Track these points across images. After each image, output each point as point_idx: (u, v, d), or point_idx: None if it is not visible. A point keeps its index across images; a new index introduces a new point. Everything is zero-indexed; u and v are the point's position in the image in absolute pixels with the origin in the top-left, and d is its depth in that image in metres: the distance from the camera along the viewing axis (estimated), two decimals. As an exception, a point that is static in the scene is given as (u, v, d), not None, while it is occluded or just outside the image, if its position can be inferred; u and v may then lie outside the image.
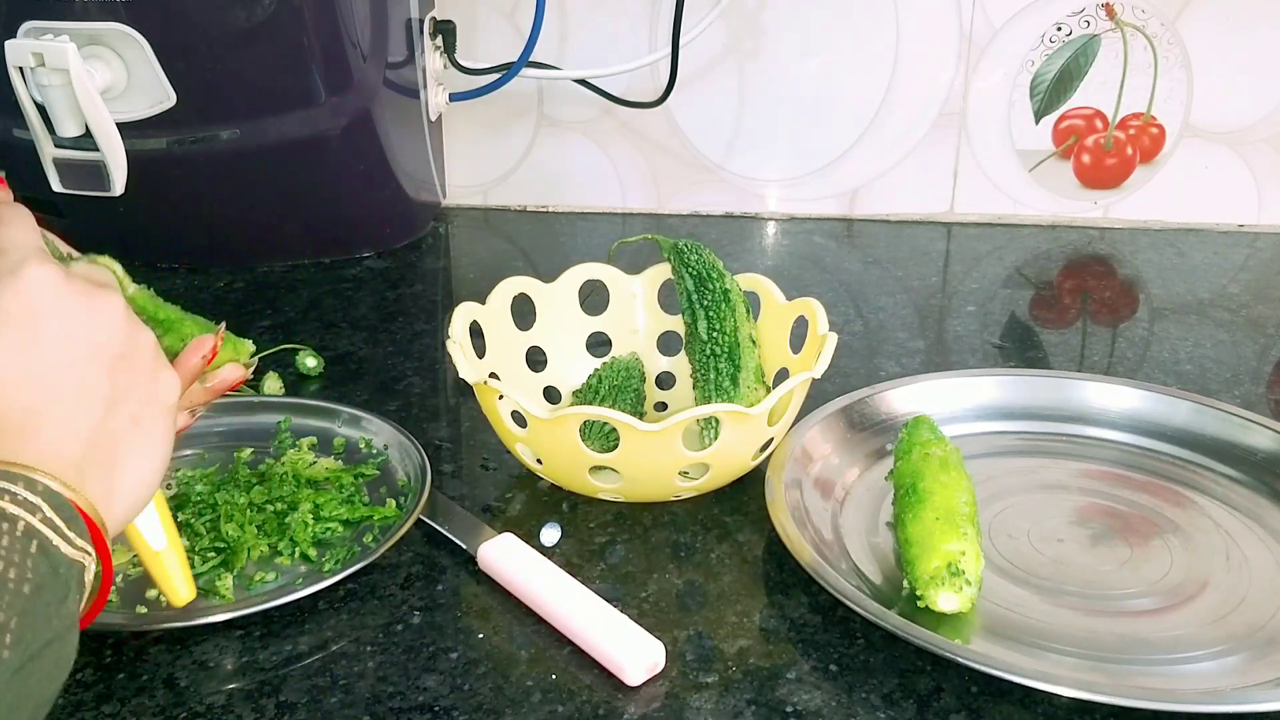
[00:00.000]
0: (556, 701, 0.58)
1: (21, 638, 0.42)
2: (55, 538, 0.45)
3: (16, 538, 0.44)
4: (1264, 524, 0.71)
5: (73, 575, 0.46)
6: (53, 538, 0.45)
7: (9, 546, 0.43)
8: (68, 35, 0.90)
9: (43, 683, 0.44)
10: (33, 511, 0.45)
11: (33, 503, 0.45)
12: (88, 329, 0.50)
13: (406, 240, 1.18)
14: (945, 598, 0.62)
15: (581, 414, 0.68)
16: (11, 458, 0.47)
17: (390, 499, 0.73)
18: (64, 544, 0.45)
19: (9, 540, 0.43)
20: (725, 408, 0.68)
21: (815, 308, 0.77)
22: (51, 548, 0.45)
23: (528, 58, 1.14)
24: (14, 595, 0.42)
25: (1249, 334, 0.98)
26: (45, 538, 0.45)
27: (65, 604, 0.45)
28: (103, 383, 0.50)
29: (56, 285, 0.49)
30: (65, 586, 0.45)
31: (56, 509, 0.46)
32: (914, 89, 1.17)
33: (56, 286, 0.49)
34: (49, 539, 0.45)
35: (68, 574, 0.45)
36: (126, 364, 0.51)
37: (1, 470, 0.46)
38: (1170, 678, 0.60)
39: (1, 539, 0.43)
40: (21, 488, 0.45)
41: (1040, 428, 0.81)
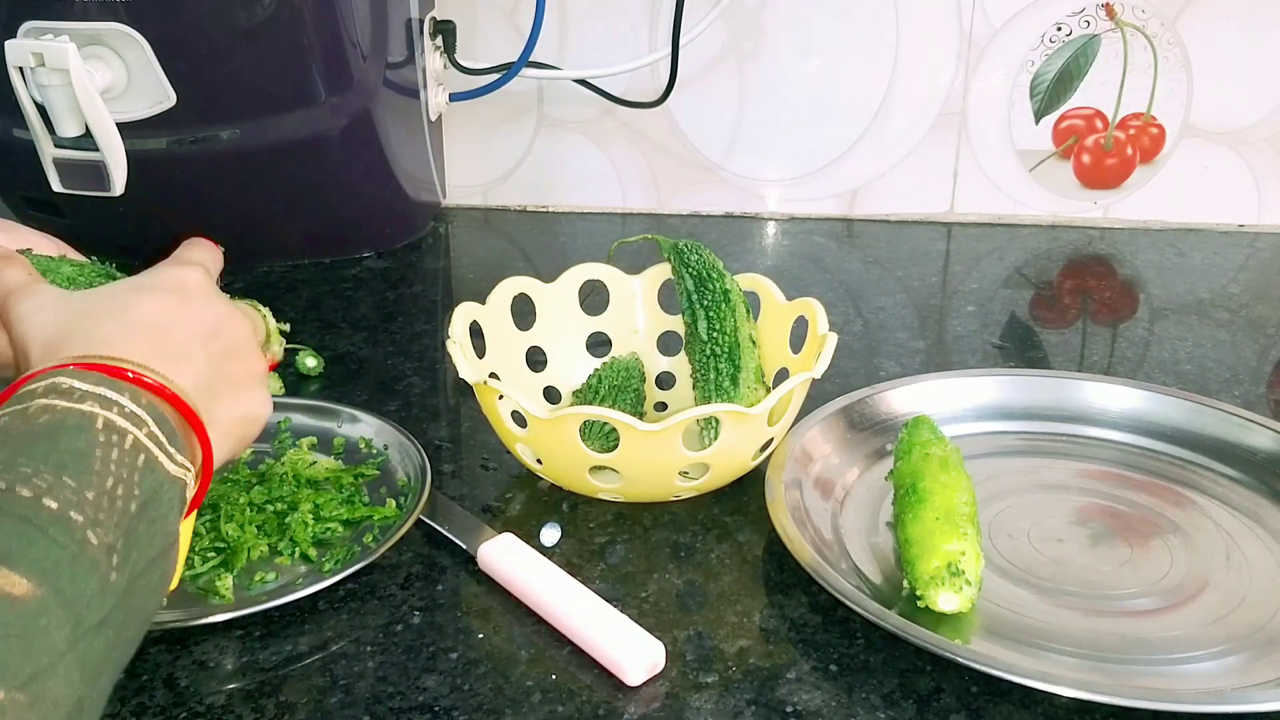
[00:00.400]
0: (556, 701, 0.58)
1: (128, 558, 0.43)
2: (159, 453, 0.46)
3: (125, 451, 0.45)
4: (1264, 524, 0.71)
5: (175, 492, 0.47)
6: (157, 453, 0.46)
7: (119, 461, 0.44)
8: (68, 35, 0.90)
9: (147, 599, 0.44)
10: (139, 425, 0.46)
11: (138, 415, 0.46)
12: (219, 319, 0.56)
13: (406, 240, 1.18)
14: (945, 598, 0.62)
15: (581, 414, 0.68)
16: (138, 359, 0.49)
17: (390, 499, 0.73)
18: (168, 461, 0.47)
19: (119, 454, 0.44)
20: (725, 408, 0.68)
21: (815, 308, 0.77)
22: (157, 464, 0.46)
23: (528, 58, 1.14)
24: (122, 514, 0.43)
25: (1249, 334, 0.98)
26: (151, 453, 0.46)
27: (168, 520, 0.46)
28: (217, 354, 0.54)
29: (209, 283, 0.57)
30: (169, 503, 0.46)
31: (159, 423, 0.47)
32: (914, 89, 1.17)
33: (209, 284, 0.57)
34: (154, 454, 0.46)
35: (170, 491, 0.46)
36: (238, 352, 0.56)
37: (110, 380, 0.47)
38: (1170, 678, 0.60)
39: (111, 451, 0.44)
40: (128, 399, 0.46)
41: (1040, 428, 0.81)
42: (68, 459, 0.43)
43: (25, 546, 0.40)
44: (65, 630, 0.39)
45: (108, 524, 0.42)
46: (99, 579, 0.41)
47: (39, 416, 0.44)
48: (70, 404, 0.45)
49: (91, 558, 0.41)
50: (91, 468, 0.43)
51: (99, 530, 0.42)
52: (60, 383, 0.46)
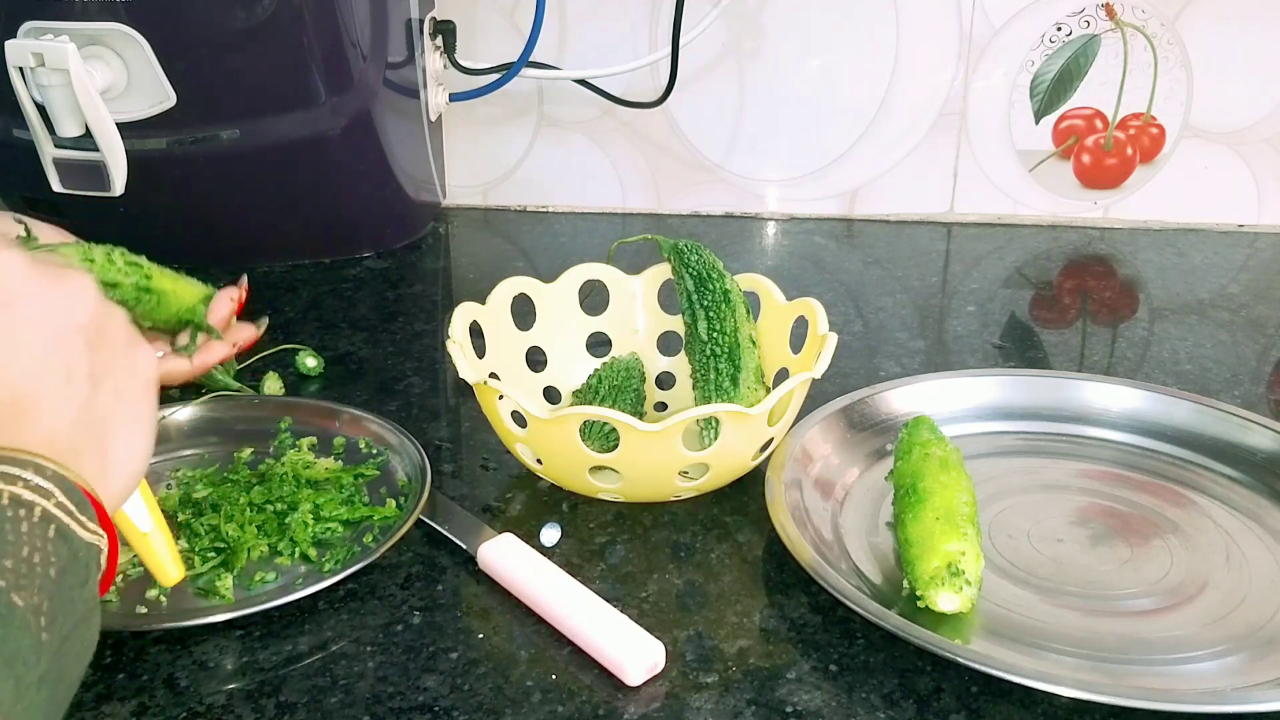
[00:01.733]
0: (556, 701, 0.58)
1: (55, 619, 0.42)
2: (70, 522, 0.45)
3: (35, 523, 0.44)
4: (1264, 524, 0.71)
5: (91, 557, 0.46)
6: (69, 522, 0.45)
7: (30, 532, 0.43)
8: (68, 35, 0.90)
9: (73, 664, 0.44)
10: (46, 497, 0.45)
11: (45, 488, 0.45)
12: (61, 308, 0.49)
13: (406, 240, 1.18)
14: (945, 598, 0.62)
15: (581, 414, 0.68)
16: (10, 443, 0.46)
17: (390, 499, 0.73)
18: (78, 527, 0.46)
19: (28, 526, 0.44)
20: (725, 408, 0.68)
21: (815, 308, 0.77)
22: (69, 531, 0.45)
23: (528, 58, 1.14)
24: (42, 579, 0.43)
25: (1249, 334, 0.98)
26: (62, 522, 0.45)
27: (87, 586, 0.45)
28: (83, 360, 0.49)
29: (24, 268, 0.49)
30: (85, 569, 0.45)
31: (67, 493, 0.46)
32: (914, 89, 1.17)
33: (24, 269, 0.49)
34: (65, 523, 0.45)
35: (86, 556, 0.46)
36: (103, 340, 0.51)
37: (7, 456, 0.46)
38: (1170, 678, 0.60)
39: (21, 525, 0.44)
40: (31, 473, 0.45)
41: (1040, 428, 0.81)
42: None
43: None
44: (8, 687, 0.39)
45: (30, 587, 0.42)
46: (31, 637, 0.41)
47: None
48: None
49: (21, 617, 0.41)
50: (4, 538, 0.43)
51: (23, 593, 0.41)
52: None
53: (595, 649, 0.60)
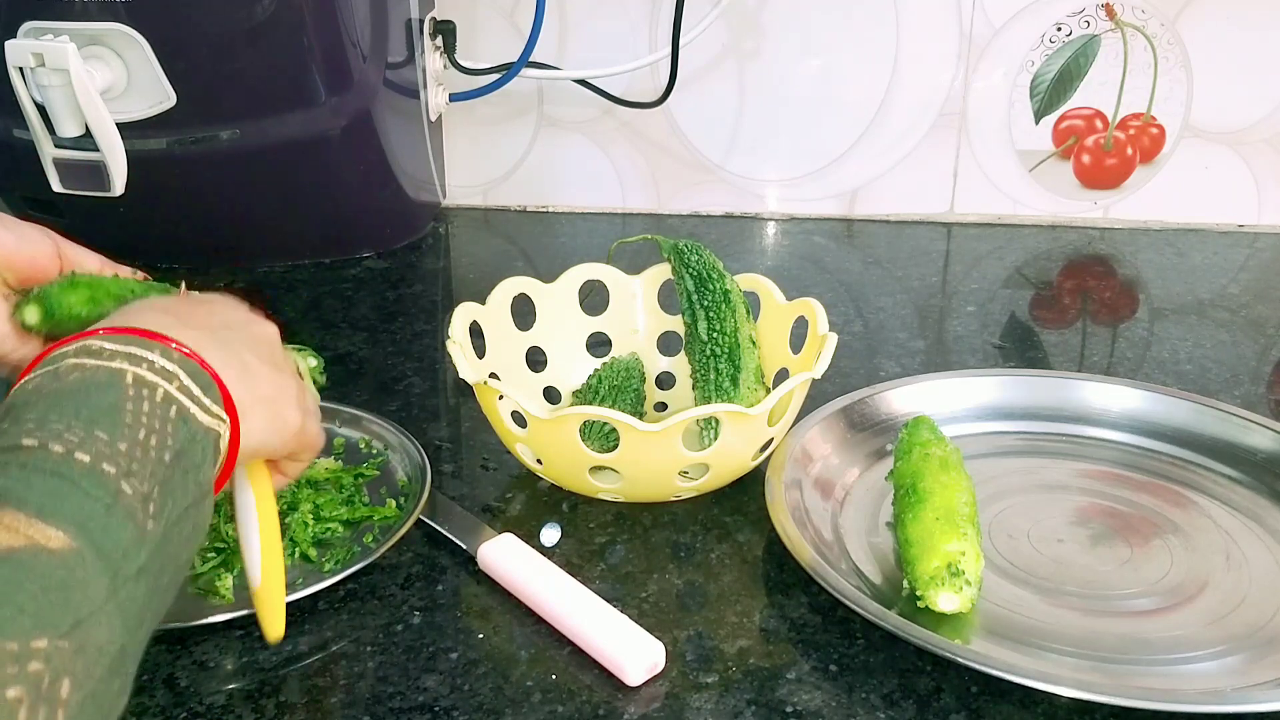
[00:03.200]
0: (556, 701, 0.58)
1: (164, 507, 0.43)
2: (191, 405, 0.47)
3: (156, 404, 0.45)
4: (1264, 524, 0.71)
5: (209, 441, 0.47)
6: (189, 405, 0.47)
7: (150, 413, 0.45)
8: (68, 35, 0.90)
9: (182, 547, 0.45)
10: (169, 379, 0.46)
11: (169, 370, 0.47)
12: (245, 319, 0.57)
13: (406, 240, 1.18)
14: (945, 598, 0.62)
15: (581, 414, 0.68)
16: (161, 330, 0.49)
17: (390, 499, 0.73)
18: (200, 411, 0.47)
19: (149, 406, 0.45)
20: (725, 408, 0.68)
21: (815, 308, 0.77)
22: (189, 414, 0.46)
23: (528, 58, 1.14)
24: (155, 463, 0.44)
25: (1249, 334, 0.98)
26: (183, 405, 0.46)
27: (202, 470, 0.47)
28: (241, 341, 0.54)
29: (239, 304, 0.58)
30: (202, 452, 0.47)
31: (192, 376, 0.47)
32: (914, 89, 1.17)
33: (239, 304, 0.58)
34: (186, 406, 0.46)
35: (204, 440, 0.47)
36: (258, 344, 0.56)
37: (135, 339, 0.47)
38: (1170, 678, 0.60)
39: (143, 404, 0.45)
40: (158, 355, 0.47)
41: (1040, 428, 0.81)
42: (98, 414, 0.43)
43: (59, 501, 0.40)
44: (104, 580, 0.40)
45: (141, 474, 0.43)
46: (135, 528, 0.42)
47: (69, 375, 0.45)
48: (100, 362, 0.46)
49: (126, 508, 0.42)
50: (122, 420, 0.44)
51: (133, 480, 0.42)
52: (90, 344, 0.47)
53: (595, 649, 0.60)
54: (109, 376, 0.45)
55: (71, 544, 0.39)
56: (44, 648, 0.36)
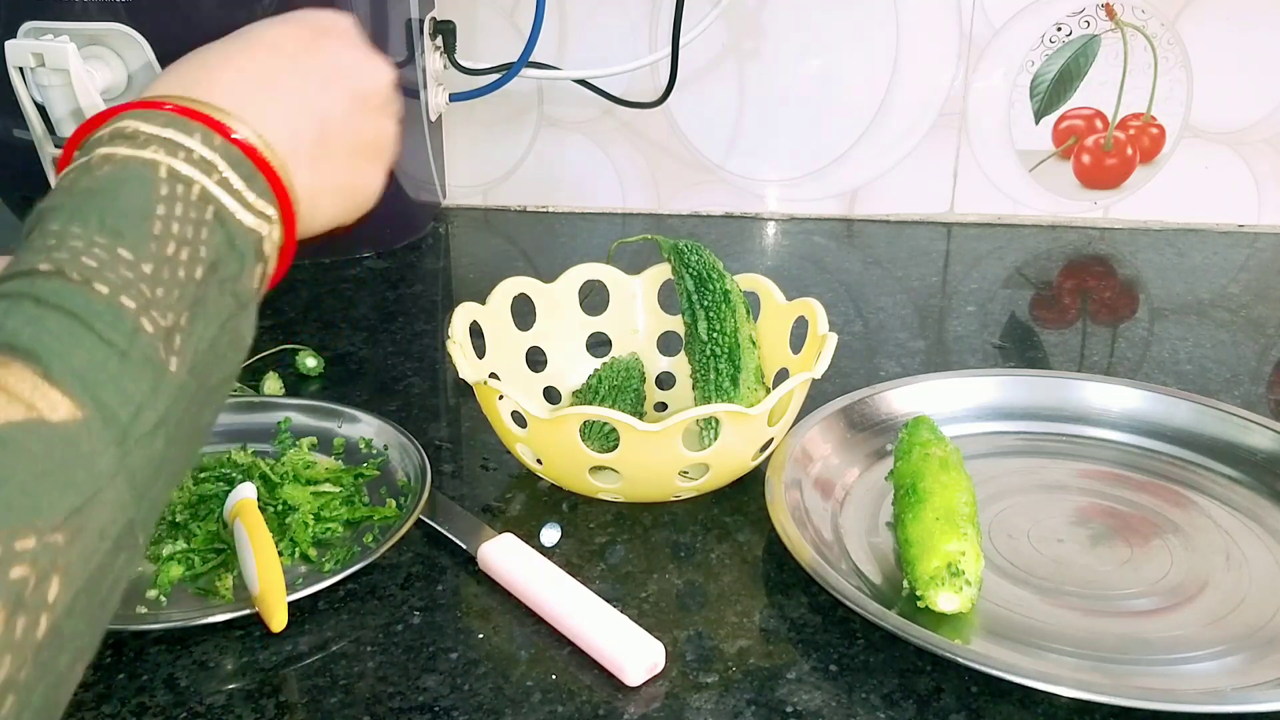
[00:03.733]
0: (556, 701, 0.58)
1: (191, 334, 0.39)
2: (232, 202, 0.42)
3: (191, 203, 0.41)
4: (1264, 524, 0.71)
5: (249, 246, 0.43)
6: (229, 202, 0.42)
7: (182, 216, 0.40)
8: (68, 35, 0.90)
9: (215, 368, 0.41)
10: (208, 170, 0.42)
11: (207, 160, 0.42)
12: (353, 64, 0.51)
13: (406, 240, 1.18)
14: (945, 598, 0.62)
15: (581, 414, 0.68)
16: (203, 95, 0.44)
17: (390, 499, 0.73)
18: (242, 209, 0.42)
19: (182, 208, 0.40)
20: (725, 408, 0.68)
21: (815, 308, 0.77)
22: (228, 216, 0.42)
23: (528, 58, 1.14)
24: (184, 284, 0.39)
25: (1249, 334, 0.98)
26: (221, 203, 0.42)
27: (240, 279, 0.42)
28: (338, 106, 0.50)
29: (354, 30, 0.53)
30: (241, 260, 0.42)
31: (234, 165, 0.43)
32: (914, 89, 1.17)
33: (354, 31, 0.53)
34: (225, 204, 0.42)
35: (244, 245, 0.42)
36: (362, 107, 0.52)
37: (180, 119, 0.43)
38: (1170, 678, 0.60)
39: (175, 206, 0.40)
40: (198, 141, 0.42)
41: (1040, 428, 0.81)
42: (124, 224, 0.39)
43: (69, 351, 0.36)
44: (110, 450, 0.36)
45: (166, 301, 0.39)
46: (152, 375, 0.38)
47: (100, 168, 0.41)
48: (132, 151, 0.41)
49: (144, 352, 0.37)
50: (150, 231, 0.39)
51: (154, 313, 0.38)
52: (125, 126, 0.42)
53: (595, 649, 0.60)
54: (140, 170, 0.40)
55: (77, 413, 0.35)
56: (30, 547, 0.32)
